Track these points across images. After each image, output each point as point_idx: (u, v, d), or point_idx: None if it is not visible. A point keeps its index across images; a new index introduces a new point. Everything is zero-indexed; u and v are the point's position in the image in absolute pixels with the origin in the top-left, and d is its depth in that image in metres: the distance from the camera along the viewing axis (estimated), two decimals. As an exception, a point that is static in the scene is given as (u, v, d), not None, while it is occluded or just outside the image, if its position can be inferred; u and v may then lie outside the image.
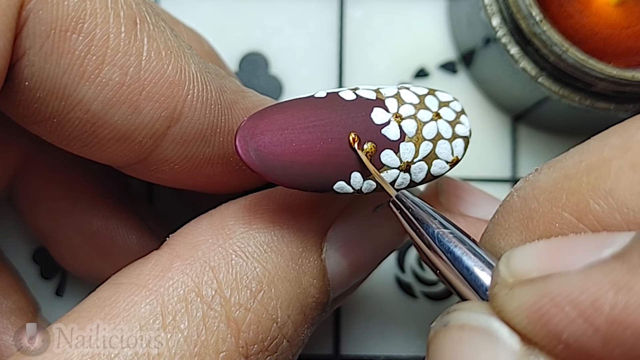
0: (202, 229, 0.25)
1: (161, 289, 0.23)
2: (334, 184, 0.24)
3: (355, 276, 0.28)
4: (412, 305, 0.37)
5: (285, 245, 0.25)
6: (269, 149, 0.23)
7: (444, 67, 0.39)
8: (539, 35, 0.32)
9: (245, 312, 0.24)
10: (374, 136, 0.24)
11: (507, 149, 0.38)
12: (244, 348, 0.23)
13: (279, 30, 0.38)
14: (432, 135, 0.25)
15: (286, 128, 0.24)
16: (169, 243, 0.25)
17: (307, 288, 0.25)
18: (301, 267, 0.25)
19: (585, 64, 0.32)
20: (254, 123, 0.24)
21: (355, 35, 0.39)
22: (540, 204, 0.22)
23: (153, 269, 0.24)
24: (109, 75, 0.23)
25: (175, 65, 0.24)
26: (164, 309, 0.23)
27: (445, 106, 0.26)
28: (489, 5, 0.34)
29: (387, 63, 0.38)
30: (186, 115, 0.24)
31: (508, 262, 0.20)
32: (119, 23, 0.23)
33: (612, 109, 0.34)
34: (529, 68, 0.34)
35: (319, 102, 0.24)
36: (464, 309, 0.20)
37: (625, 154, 0.20)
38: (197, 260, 0.24)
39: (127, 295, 0.23)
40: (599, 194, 0.20)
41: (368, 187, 0.24)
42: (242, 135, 0.23)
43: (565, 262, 0.19)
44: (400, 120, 0.25)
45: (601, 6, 0.34)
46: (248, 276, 0.24)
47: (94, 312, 0.23)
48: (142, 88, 0.23)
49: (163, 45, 0.24)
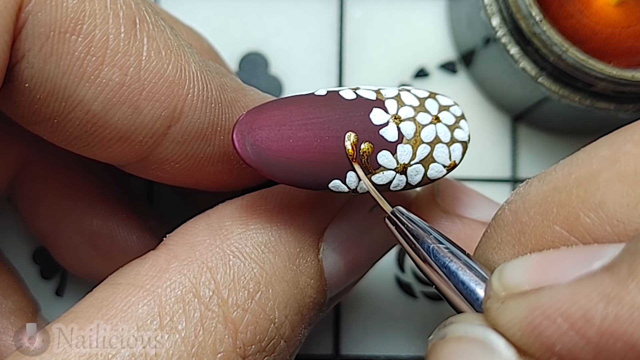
0: (200, 229, 0.25)
1: (159, 290, 0.23)
2: (330, 182, 0.24)
3: (352, 275, 0.28)
4: (412, 305, 0.37)
5: (283, 245, 0.25)
6: (265, 144, 0.23)
7: (444, 67, 0.39)
8: (538, 35, 0.32)
9: (242, 312, 0.24)
10: (371, 136, 0.24)
11: (507, 149, 0.38)
12: (241, 349, 0.23)
13: (279, 30, 0.38)
14: (430, 139, 0.25)
15: (284, 124, 0.24)
16: (166, 243, 0.25)
17: (304, 288, 0.26)
18: (298, 267, 0.25)
19: (585, 64, 0.32)
20: (252, 118, 0.24)
21: (355, 35, 0.39)
22: (532, 217, 0.22)
23: (150, 269, 0.24)
24: (109, 75, 0.23)
25: (175, 64, 0.24)
26: (162, 310, 0.23)
27: (445, 110, 0.26)
28: (488, 5, 0.34)
29: (387, 63, 0.38)
30: (187, 114, 0.24)
31: (500, 275, 0.20)
32: (118, 23, 0.23)
33: (612, 109, 0.34)
34: (528, 68, 0.34)
35: (319, 99, 0.24)
36: (460, 321, 0.20)
37: (614, 165, 0.20)
38: (194, 260, 0.24)
39: (124, 295, 0.23)
40: (589, 207, 0.20)
41: (363, 187, 0.24)
42: (239, 130, 0.23)
43: (556, 275, 0.19)
44: (399, 122, 0.25)
45: (601, 6, 0.34)
46: (246, 277, 0.24)
47: (92, 312, 0.23)
48: (142, 88, 0.23)
49: (163, 44, 0.24)
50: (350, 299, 0.37)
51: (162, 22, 0.25)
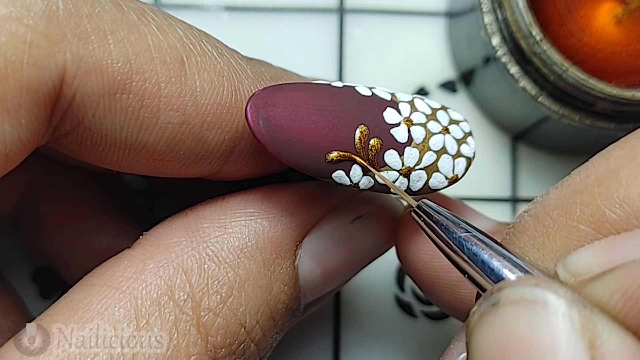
0: (176, 229, 0.25)
1: (134, 292, 0.23)
2: (334, 172, 0.24)
3: (328, 285, 0.28)
4: (412, 324, 0.37)
5: (259, 251, 0.25)
6: (278, 121, 0.23)
7: (444, 86, 0.39)
8: (539, 55, 0.32)
9: (214, 317, 0.24)
10: (382, 133, 0.24)
11: (507, 168, 0.38)
12: (212, 352, 0.24)
13: (279, 48, 0.38)
14: (438, 147, 0.25)
15: (299, 105, 0.24)
16: (142, 242, 0.25)
17: (277, 295, 0.26)
18: (273, 273, 0.25)
19: (586, 83, 0.32)
20: (268, 94, 0.24)
21: (355, 54, 0.39)
22: (555, 220, 0.22)
23: (126, 270, 0.24)
24: (168, 120, 0.23)
25: (229, 88, 0.24)
26: (138, 312, 0.23)
27: (455, 124, 0.26)
28: (488, 24, 0.34)
29: (386, 82, 0.38)
30: (249, 131, 0.24)
31: (565, 265, 0.20)
32: (166, 70, 0.23)
33: (612, 128, 0.33)
34: (529, 87, 0.33)
35: (335, 90, 0.25)
36: (515, 285, 0.19)
37: (633, 161, 0.21)
38: (170, 262, 0.24)
39: (100, 297, 0.23)
40: (613, 202, 0.21)
41: (366, 182, 0.24)
42: (254, 103, 0.23)
43: (626, 254, 0.19)
44: (411, 125, 0.25)
45: (602, 25, 0.34)
46: (219, 281, 0.24)
47: (68, 314, 0.23)
48: (202, 121, 0.24)
49: (214, 72, 0.24)
50: (351, 318, 0.37)
51: (207, 46, 0.24)
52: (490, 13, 0.34)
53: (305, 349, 0.37)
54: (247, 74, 0.25)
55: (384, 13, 0.39)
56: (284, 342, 0.37)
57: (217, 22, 0.38)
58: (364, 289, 0.37)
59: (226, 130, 0.24)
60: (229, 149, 0.25)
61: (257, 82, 0.25)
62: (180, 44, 0.23)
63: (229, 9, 0.39)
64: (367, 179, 0.24)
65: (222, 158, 0.25)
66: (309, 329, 0.37)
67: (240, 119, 0.24)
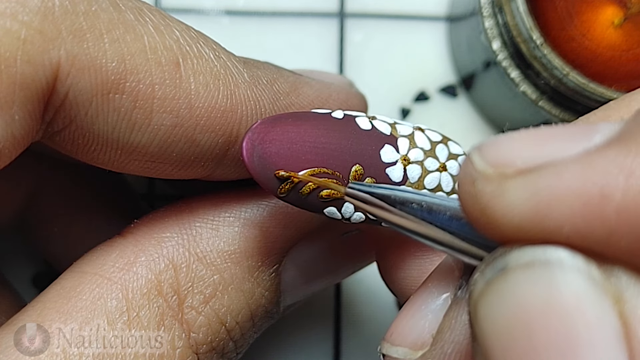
0: (169, 223, 0.25)
1: (126, 283, 0.24)
2: (326, 208, 0.24)
3: (309, 292, 0.29)
4: (413, 329, 0.37)
5: (246, 258, 0.26)
6: (273, 159, 0.23)
7: (444, 90, 0.39)
8: (539, 59, 0.32)
9: (196, 315, 0.25)
10: (377, 173, 0.24)
11: (508, 172, 0.38)
12: (194, 347, 0.24)
13: (279, 53, 0.38)
14: (432, 186, 0.25)
15: (296, 142, 0.23)
16: (134, 232, 0.25)
17: (258, 299, 0.26)
18: (257, 279, 0.26)
19: (586, 87, 0.31)
20: (265, 128, 0.23)
21: (356, 58, 0.39)
22: None
23: (117, 260, 0.24)
24: (160, 121, 0.23)
25: (225, 92, 0.24)
26: (129, 304, 0.23)
27: (453, 159, 0.26)
28: (489, 28, 0.34)
29: (387, 86, 0.38)
30: (243, 135, 0.24)
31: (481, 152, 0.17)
32: (161, 71, 0.23)
33: (613, 132, 0.33)
34: (529, 92, 0.33)
35: (335, 123, 0.24)
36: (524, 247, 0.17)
37: None
38: (161, 257, 0.25)
39: (92, 287, 0.23)
40: None
41: (357, 218, 0.24)
42: (250, 138, 0.23)
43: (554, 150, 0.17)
44: (407, 164, 0.25)
45: (602, 29, 0.34)
46: (205, 282, 0.25)
47: (60, 303, 0.23)
48: (195, 124, 0.23)
49: (209, 75, 0.24)
50: (351, 325, 0.36)
51: (204, 48, 0.24)
52: (491, 17, 0.34)
53: (306, 354, 0.37)
54: (244, 77, 0.25)
55: (385, 17, 0.39)
56: (284, 346, 0.37)
57: (217, 26, 0.38)
58: (364, 293, 0.37)
59: (220, 134, 0.24)
60: (223, 152, 0.25)
61: (253, 86, 0.25)
62: (176, 45, 0.23)
63: (229, 13, 0.39)
64: (358, 215, 0.24)
65: (216, 161, 0.25)
66: (310, 334, 0.37)
67: (235, 122, 0.24)
